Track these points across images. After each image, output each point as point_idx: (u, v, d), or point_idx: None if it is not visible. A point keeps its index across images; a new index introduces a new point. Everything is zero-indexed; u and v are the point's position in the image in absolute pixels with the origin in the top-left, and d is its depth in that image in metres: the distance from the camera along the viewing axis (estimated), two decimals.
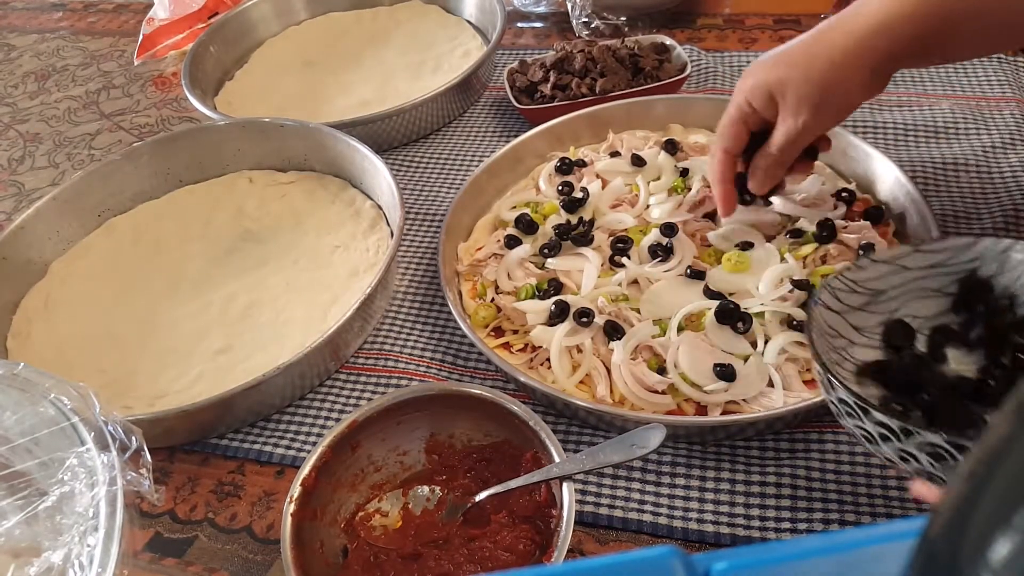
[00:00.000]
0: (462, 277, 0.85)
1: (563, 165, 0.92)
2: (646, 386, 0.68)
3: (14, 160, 1.22)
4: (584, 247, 0.82)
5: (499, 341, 0.77)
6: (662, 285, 0.76)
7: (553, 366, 0.72)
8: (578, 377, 0.71)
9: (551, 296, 0.77)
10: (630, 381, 0.68)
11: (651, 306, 0.75)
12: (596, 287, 0.78)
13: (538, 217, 0.87)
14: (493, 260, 0.84)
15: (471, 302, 0.82)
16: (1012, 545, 0.15)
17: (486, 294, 0.81)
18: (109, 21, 1.59)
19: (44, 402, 0.60)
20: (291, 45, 1.34)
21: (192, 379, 0.80)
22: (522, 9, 1.31)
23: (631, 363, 0.70)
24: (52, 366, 0.82)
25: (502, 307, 0.79)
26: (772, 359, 0.68)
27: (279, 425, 0.76)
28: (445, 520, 0.62)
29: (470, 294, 0.83)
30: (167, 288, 0.92)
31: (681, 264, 0.78)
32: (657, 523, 0.63)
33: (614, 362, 0.70)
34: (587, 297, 0.77)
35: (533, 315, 0.76)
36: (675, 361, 0.69)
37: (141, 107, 1.30)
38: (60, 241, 0.97)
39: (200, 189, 1.05)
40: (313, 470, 0.62)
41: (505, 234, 0.85)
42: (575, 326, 0.73)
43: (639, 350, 0.72)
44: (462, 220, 0.89)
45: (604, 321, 0.73)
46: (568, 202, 0.86)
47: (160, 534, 0.69)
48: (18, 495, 0.58)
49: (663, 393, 0.68)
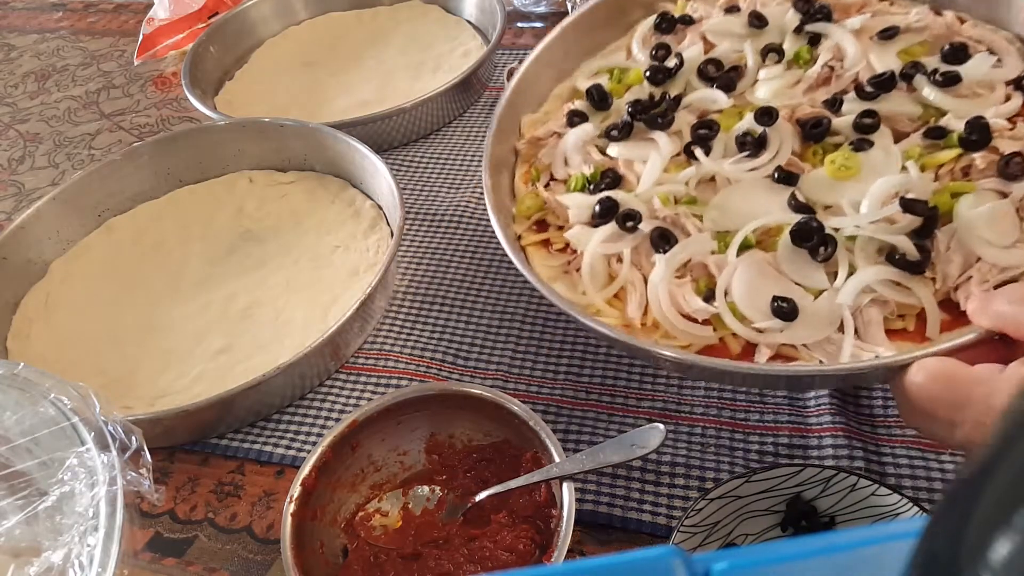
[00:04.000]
0: (520, 158, 0.71)
1: (664, 22, 0.75)
2: (685, 313, 0.57)
3: (14, 160, 1.22)
4: (658, 131, 0.65)
5: (538, 237, 0.66)
6: (740, 187, 0.61)
7: (583, 274, 0.61)
8: (611, 291, 0.60)
9: (601, 190, 0.64)
10: (666, 303, 0.57)
11: (719, 213, 0.61)
12: (659, 183, 0.63)
13: (618, 88, 0.71)
14: (554, 139, 0.70)
15: (522, 188, 0.69)
16: (1012, 545, 0.15)
17: (540, 180, 0.69)
18: (109, 21, 1.59)
19: (44, 402, 0.60)
20: (291, 45, 1.34)
21: (192, 379, 0.80)
22: (522, 9, 1.31)
23: (676, 282, 0.58)
24: (52, 366, 0.82)
25: (547, 198, 0.67)
26: (850, 298, 0.53)
27: (279, 425, 0.76)
28: (445, 520, 0.62)
29: (523, 179, 0.70)
30: (167, 288, 0.92)
31: (773, 162, 0.61)
32: (657, 523, 0.63)
33: (652, 279, 0.58)
34: (643, 196, 0.63)
35: (576, 211, 0.64)
36: (727, 286, 0.56)
37: (141, 107, 1.30)
38: (60, 241, 0.97)
39: (200, 189, 1.05)
40: (313, 470, 0.62)
41: (570, 108, 0.70)
42: (617, 230, 0.61)
43: (690, 268, 0.59)
44: (538, 85, 0.73)
45: (652, 228, 0.60)
46: (655, 71, 0.69)
47: (160, 534, 0.69)
48: (18, 495, 0.58)
49: (705, 323, 0.56)
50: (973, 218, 0.53)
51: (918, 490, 0.62)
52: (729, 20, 0.72)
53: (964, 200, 0.55)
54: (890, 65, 0.65)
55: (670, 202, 0.62)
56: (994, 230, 0.52)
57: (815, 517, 0.57)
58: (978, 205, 0.54)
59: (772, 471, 0.57)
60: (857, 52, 0.66)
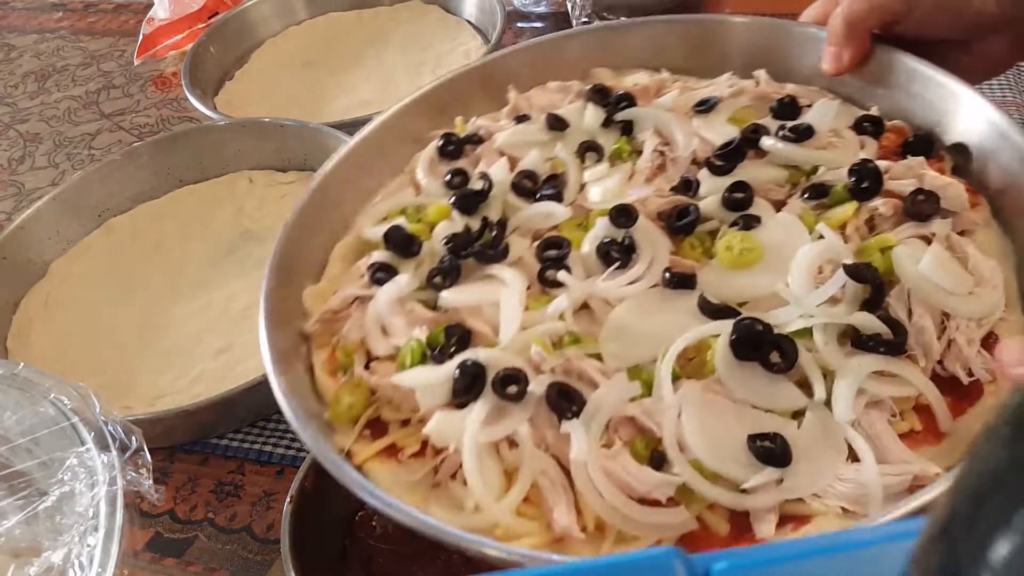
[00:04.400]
0: (313, 343, 0.56)
1: (449, 145, 0.65)
2: (638, 495, 0.42)
3: (14, 160, 1.22)
4: (495, 264, 0.53)
5: (377, 445, 0.49)
6: (630, 308, 0.49)
7: (470, 482, 0.44)
8: (517, 495, 0.44)
9: (452, 355, 0.48)
10: (608, 491, 0.42)
11: (619, 345, 0.48)
12: (524, 327, 0.49)
13: (420, 228, 0.59)
14: (356, 307, 0.55)
15: (328, 382, 0.53)
16: (1012, 545, 0.15)
17: (352, 366, 0.53)
18: (109, 21, 1.59)
19: (44, 402, 0.60)
20: (291, 45, 1.34)
21: (192, 379, 0.80)
22: (522, 9, 1.31)
23: (604, 455, 0.43)
24: (52, 366, 0.82)
25: (375, 386, 0.51)
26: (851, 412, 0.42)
27: (279, 425, 0.76)
28: None
29: (326, 369, 0.54)
30: (167, 288, 0.92)
31: (652, 268, 0.51)
32: None
33: (574, 459, 0.43)
34: (512, 348, 0.48)
35: (424, 392, 0.48)
36: (679, 439, 0.43)
37: (141, 107, 1.30)
38: (60, 241, 0.97)
39: (200, 189, 1.05)
40: (313, 470, 0.62)
41: (370, 263, 0.56)
42: (498, 402, 0.46)
43: (613, 428, 0.45)
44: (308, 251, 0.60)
45: (547, 385, 0.46)
46: (462, 198, 0.58)
47: (160, 534, 0.69)
48: (18, 495, 0.58)
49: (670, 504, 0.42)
50: (926, 270, 0.46)
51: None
52: (525, 129, 0.63)
53: (899, 254, 0.47)
54: (727, 134, 0.58)
55: (550, 348, 0.48)
56: (950, 279, 0.45)
57: None
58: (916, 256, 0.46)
59: None
60: (685, 131, 0.59)
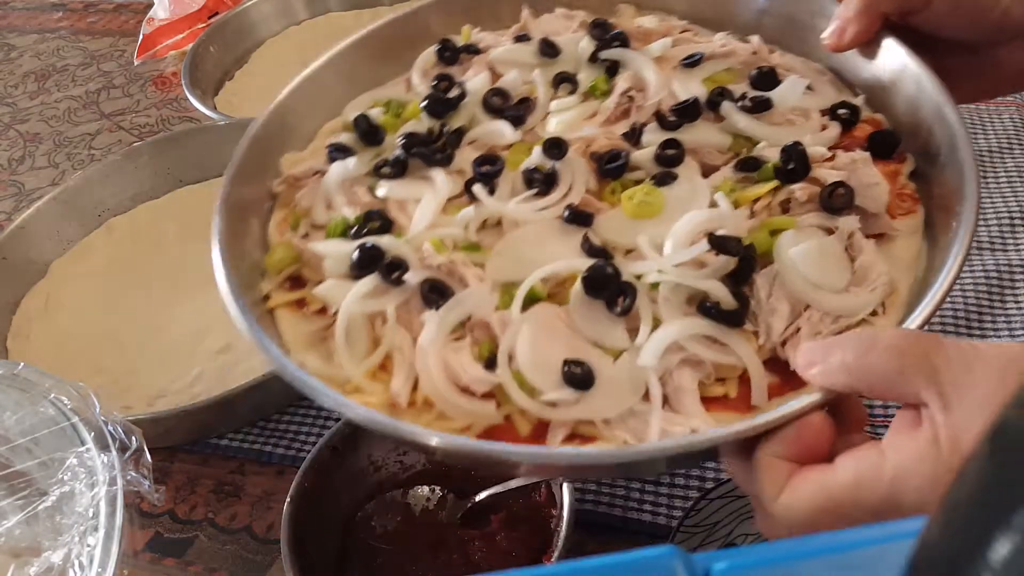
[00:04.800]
0: (277, 202, 0.61)
1: (447, 51, 0.66)
2: (461, 385, 0.46)
3: (14, 160, 1.22)
4: (435, 168, 0.56)
5: (290, 296, 0.55)
6: (527, 231, 0.52)
7: (337, 340, 0.49)
8: (373, 361, 0.48)
9: (368, 235, 0.53)
10: (438, 374, 0.46)
11: (503, 261, 0.51)
12: (434, 227, 0.53)
13: (393, 122, 0.62)
14: (315, 179, 0.60)
15: (276, 236, 0.59)
16: (1012, 545, 0.15)
17: (299, 228, 0.58)
18: (109, 21, 1.59)
19: (44, 402, 0.60)
20: (291, 45, 1.33)
21: (192, 379, 0.80)
22: None
23: (452, 346, 0.47)
24: (52, 366, 0.82)
25: (300, 249, 0.56)
26: (653, 359, 0.44)
27: (279, 425, 0.76)
28: (445, 520, 0.62)
29: (278, 227, 0.59)
30: (167, 288, 0.91)
31: (564, 201, 0.52)
32: (657, 523, 0.63)
33: (420, 343, 0.47)
34: (415, 241, 0.52)
35: (332, 261, 0.53)
36: (511, 350, 0.46)
37: (141, 107, 1.30)
38: (60, 241, 0.97)
39: (200, 189, 1.04)
40: (313, 470, 0.62)
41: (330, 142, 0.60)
42: (381, 283, 0.50)
43: (470, 327, 0.48)
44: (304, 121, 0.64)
45: (422, 279, 0.49)
46: (433, 100, 0.60)
47: (160, 534, 0.69)
48: (18, 495, 0.58)
49: (487, 397, 0.45)
50: (797, 258, 0.46)
51: None
52: (519, 49, 0.64)
53: (784, 237, 0.47)
54: (695, 93, 0.57)
55: (446, 248, 0.51)
56: (822, 271, 0.45)
57: None
58: (801, 243, 0.47)
59: None
60: (659, 80, 0.58)
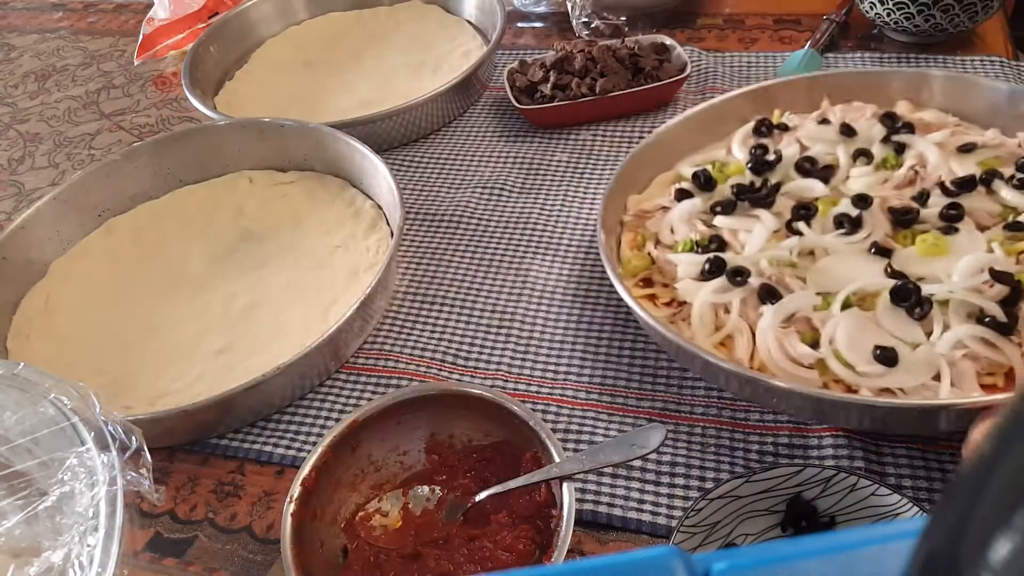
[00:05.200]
0: (625, 228, 0.80)
1: (762, 127, 0.84)
2: (791, 357, 0.62)
3: (14, 160, 1.22)
4: (761, 209, 0.74)
5: (645, 291, 0.73)
6: (839, 257, 0.68)
7: (693, 321, 0.66)
8: (719, 337, 0.66)
9: (711, 253, 0.71)
10: (774, 347, 0.62)
11: (820, 276, 0.67)
12: (762, 251, 0.70)
13: (719, 176, 0.80)
14: (660, 213, 0.79)
15: (627, 252, 0.77)
16: (1012, 545, 0.15)
17: (645, 246, 0.76)
18: (109, 21, 1.59)
19: (44, 402, 0.60)
20: (291, 45, 1.34)
21: (192, 379, 0.80)
22: (522, 9, 1.31)
23: (781, 330, 0.64)
24: (52, 366, 0.82)
25: (656, 257, 0.74)
26: (946, 348, 0.60)
27: (279, 425, 0.76)
28: (445, 520, 0.62)
29: (629, 244, 0.78)
30: (167, 288, 0.92)
31: (868, 239, 0.69)
32: (657, 523, 0.63)
33: (761, 326, 0.64)
34: (749, 259, 0.69)
35: (684, 267, 0.71)
36: (831, 336, 0.62)
37: (141, 107, 1.30)
38: (60, 241, 0.97)
39: (200, 189, 1.05)
40: (313, 470, 0.62)
41: (677, 187, 0.79)
42: (726, 284, 0.67)
43: (794, 321, 0.65)
44: (639, 173, 0.84)
45: (760, 283, 0.66)
46: (757, 162, 0.78)
47: (160, 534, 0.69)
48: (18, 495, 0.58)
49: (809, 368, 0.62)
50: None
51: (918, 490, 0.62)
52: (822, 129, 0.81)
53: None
54: (970, 171, 0.73)
55: (774, 263, 0.68)
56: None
57: (815, 517, 0.57)
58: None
59: (772, 471, 0.57)
60: (939, 159, 0.75)
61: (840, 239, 0.70)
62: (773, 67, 1.09)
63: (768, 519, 0.58)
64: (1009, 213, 0.71)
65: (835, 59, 1.08)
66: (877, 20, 1.06)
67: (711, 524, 0.56)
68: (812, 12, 1.19)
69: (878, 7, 1.03)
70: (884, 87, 0.87)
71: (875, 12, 1.04)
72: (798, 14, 1.20)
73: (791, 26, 1.18)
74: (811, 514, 0.57)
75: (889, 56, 1.06)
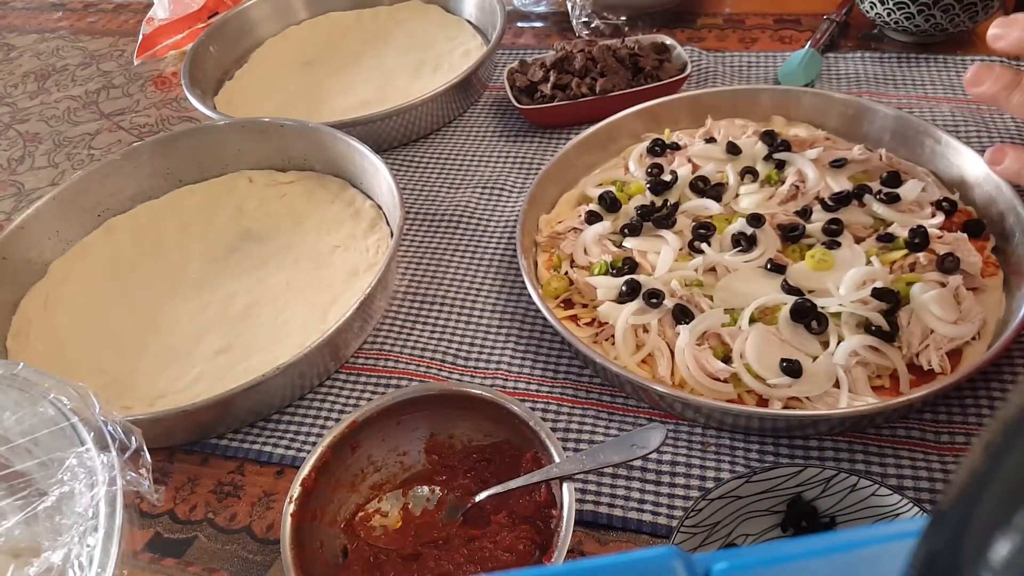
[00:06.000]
0: (540, 248, 0.86)
1: (656, 147, 0.91)
2: (708, 372, 0.68)
3: (14, 160, 1.22)
4: (665, 230, 0.81)
5: (567, 313, 0.78)
6: (740, 274, 0.75)
7: (617, 342, 0.72)
8: (640, 356, 0.71)
9: (624, 275, 0.77)
10: (692, 365, 0.68)
11: (725, 294, 0.74)
12: (671, 270, 0.77)
13: (622, 196, 0.86)
14: (572, 234, 0.85)
15: (545, 273, 0.83)
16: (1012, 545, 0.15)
17: (561, 267, 0.82)
18: (109, 21, 1.59)
19: (44, 402, 0.60)
20: (291, 45, 1.33)
21: (192, 379, 0.80)
22: (522, 9, 1.31)
23: (696, 348, 0.69)
24: (52, 366, 0.82)
25: (575, 280, 0.79)
26: (842, 360, 0.66)
27: (279, 425, 0.76)
28: (445, 520, 0.62)
29: (545, 265, 0.84)
30: (167, 288, 0.92)
31: (763, 256, 0.76)
32: (657, 523, 0.63)
33: (678, 345, 0.70)
34: (660, 279, 0.76)
35: (603, 291, 0.76)
36: (741, 351, 0.68)
37: (141, 107, 1.30)
38: (60, 241, 0.97)
39: (200, 189, 1.05)
40: (313, 470, 0.62)
41: (587, 209, 0.85)
42: (644, 306, 0.73)
43: (706, 337, 0.71)
44: (547, 192, 0.89)
45: (674, 304, 0.72)
46: (655, 184, 0.86)
47: (160, 534, 0.69)
48: (18, 495, 0.58)
49: (724, 381, 0.67)
50: (925, 301, 0.69)
51: (918, 490, 0.62)
52: (710, 147, 0.89)
53: (916, 287, 0.70)
54: (844, 186, 0.82)
55: (683, 284, 0.75)
56: (941, 310, 0.69)
57: (815, 518, 0.57)
58: (926, 291, 0.70)
59: (772, 471, 0.57)
60: (816, 176, 0.84)
61: (738, 257, 0.76)
62: (773, 67, 1.09)
63: (768, 519, 0.58)
64: (880, 225, 0.79)
65: (835, 59, 1.08)
66: (877, 20, 1.06)
67: (711, 524, 0.56)
68: (812, 12, 1.19)
69: (878, 7, 1.03)
70: (757, 104, 0.95)
71: (875, 12, 1.04)
72: (798, 14, 1.21)
73: (791, 26, 1.18)
74: (811, 514, 0.57)
75: (889, 56, 1.07)
